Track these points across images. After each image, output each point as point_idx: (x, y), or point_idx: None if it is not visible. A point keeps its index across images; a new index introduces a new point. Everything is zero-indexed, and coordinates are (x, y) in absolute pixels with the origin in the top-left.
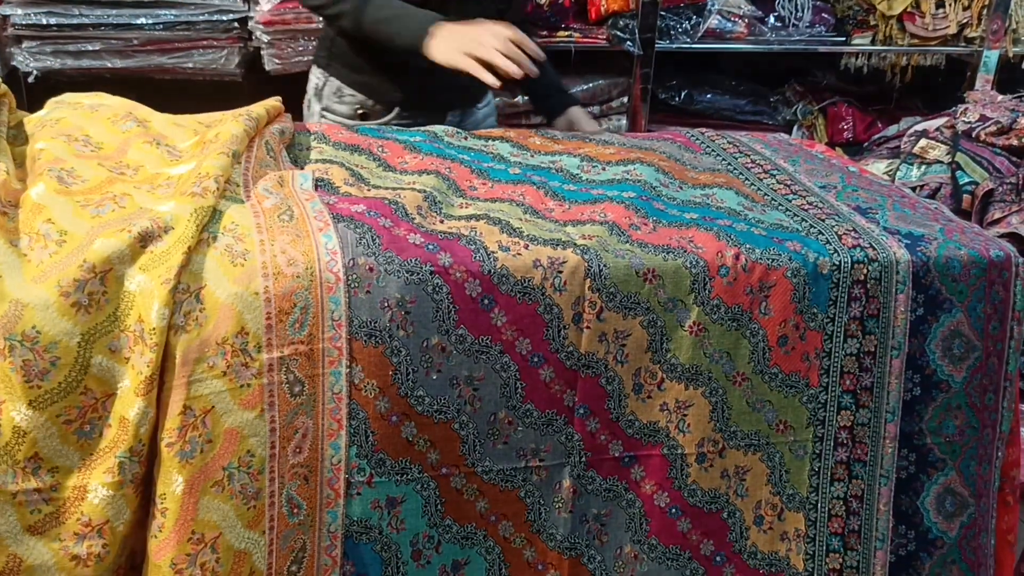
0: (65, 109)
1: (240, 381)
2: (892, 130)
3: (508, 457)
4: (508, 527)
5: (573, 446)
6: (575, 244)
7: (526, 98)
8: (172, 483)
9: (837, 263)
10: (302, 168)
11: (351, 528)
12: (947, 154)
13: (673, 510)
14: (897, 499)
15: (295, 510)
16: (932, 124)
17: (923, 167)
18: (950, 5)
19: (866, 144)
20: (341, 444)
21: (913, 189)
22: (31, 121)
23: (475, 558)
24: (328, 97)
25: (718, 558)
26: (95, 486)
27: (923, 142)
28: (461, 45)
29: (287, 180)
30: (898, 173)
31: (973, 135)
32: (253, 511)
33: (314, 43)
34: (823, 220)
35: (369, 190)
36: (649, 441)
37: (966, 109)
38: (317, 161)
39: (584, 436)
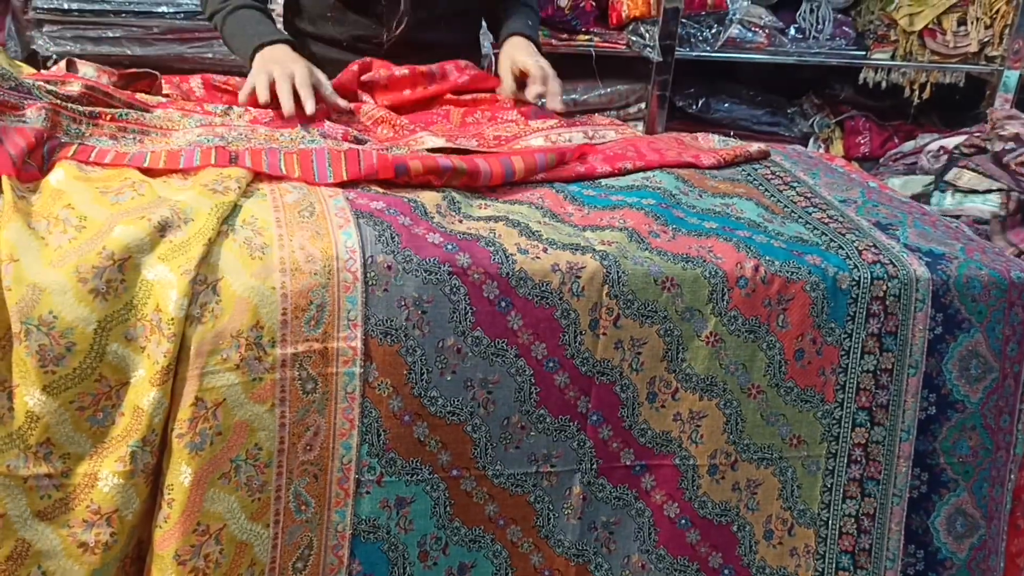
0: None
1: (253, 375)
2: (909, 146)
3: (520, 462)
4: (516, 532)
5: (585, 453)
6: (594, 249)
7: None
8: (180, 474)
9: (856, 278)
10: None
11: (359, 527)
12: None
13: (683, 521)
14: (908, 518)
15: (303, 507)
16: (950, 142)
17: (958, 195)
18: (972, 23)
19: (882, 160)
20: (352, 444)
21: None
22: None
23: (482, 562)
24: None
25: (726, 571)
26: (106, 474)
27: (955, 171)
28: (267, 68)
29: None
30: (932, 199)
31: (1003, 161)
32: (258, 503)
33: None
34: (843, 234)
35: (388, 188)
36: (661, 451)
37: (1005, 121)
38: None
39: (596, 443)
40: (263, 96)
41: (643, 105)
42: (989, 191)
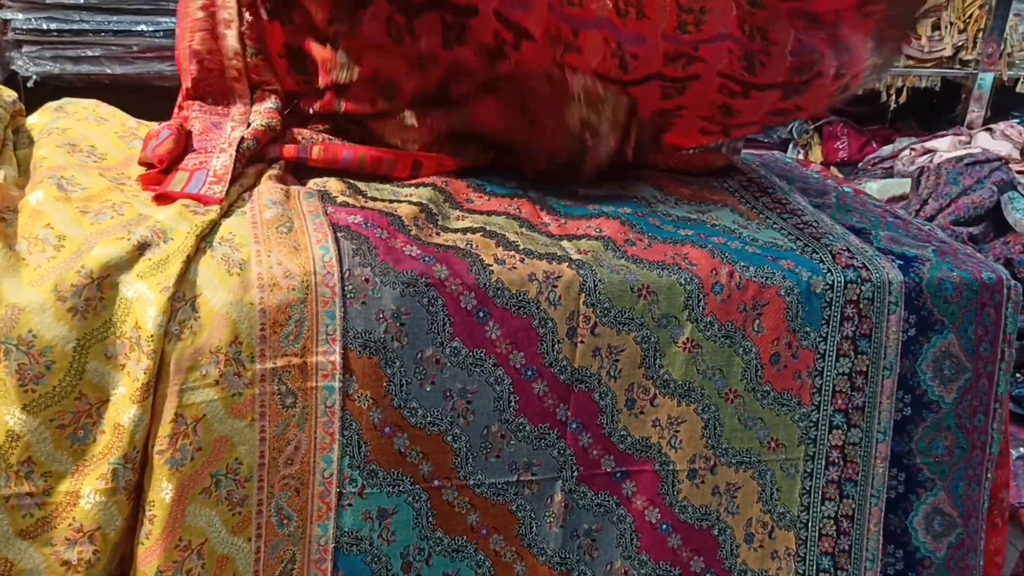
0: (69, 120)
1: (232, 390)
2: (886, 150)
3: (500, 471)
4: (499, 541)
5: (565, 461)
6: (570, 258)
7: None
8: (161, 490)
9: (830, 282)
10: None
11: (342, 539)
12: None
13: (664, 526)
14: (886, 518)
15: (285, 521)
16: (932, 144)
17: None
18: (946, 28)
19: (860, 164)
20: (333, 458)
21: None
22: (36, 127)
23: (465, 571)
24: None
25: (708, 575)
26: (88, 492)
27: None
28: None
29: (294, 194)
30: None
31: None
32: (238, 517)
33: None
34: (817, 239)
35: (366, 202)
36: (641, 457)
37: None
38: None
39: (576, 451)
40: None
41: None
42: None
